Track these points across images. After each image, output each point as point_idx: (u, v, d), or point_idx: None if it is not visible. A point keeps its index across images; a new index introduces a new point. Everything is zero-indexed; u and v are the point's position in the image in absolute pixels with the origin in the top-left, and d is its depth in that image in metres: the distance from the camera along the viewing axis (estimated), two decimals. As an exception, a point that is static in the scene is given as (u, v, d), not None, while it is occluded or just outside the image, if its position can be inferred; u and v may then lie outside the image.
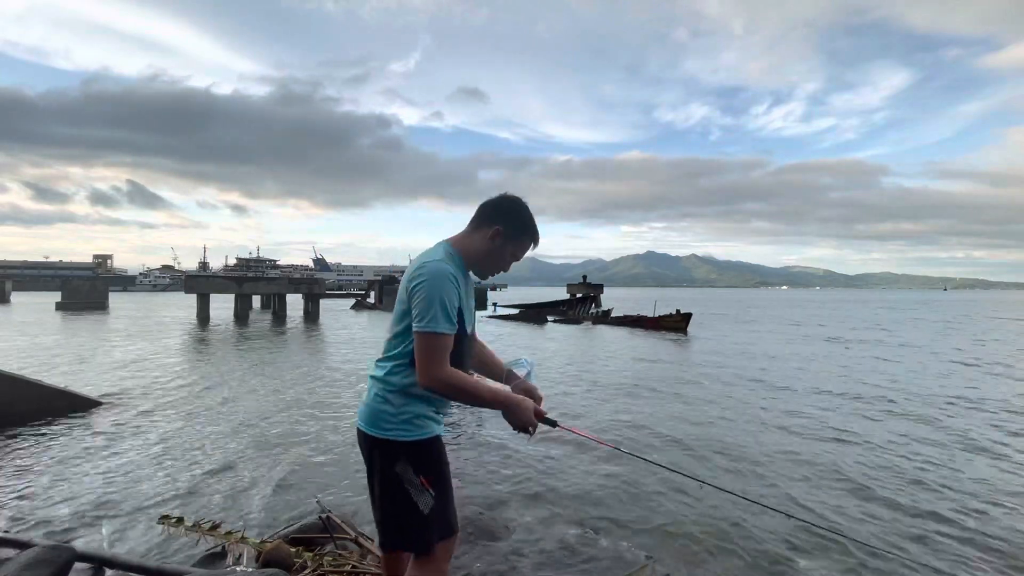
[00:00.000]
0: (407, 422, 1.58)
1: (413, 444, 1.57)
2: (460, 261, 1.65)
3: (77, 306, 33.90)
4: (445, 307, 1.50)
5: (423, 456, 1.58)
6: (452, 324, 1.52)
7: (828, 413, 7.02)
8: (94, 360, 11.44)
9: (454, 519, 1.66)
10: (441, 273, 1.53)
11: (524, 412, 1.57)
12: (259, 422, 6.26)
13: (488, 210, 1.68)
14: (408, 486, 1.56)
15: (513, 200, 1.69)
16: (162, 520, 3.13)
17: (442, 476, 1.63)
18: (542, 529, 3.44)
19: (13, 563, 2.21)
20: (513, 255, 1.72)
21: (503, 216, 1.66)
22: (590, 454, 5.07)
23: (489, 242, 1.66)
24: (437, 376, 1.49)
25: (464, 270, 1.66)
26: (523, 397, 1.63)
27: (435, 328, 1.49)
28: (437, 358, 1.50)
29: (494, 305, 35.68)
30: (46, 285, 76.67)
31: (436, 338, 1.49)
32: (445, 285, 1.52)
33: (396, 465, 1.56)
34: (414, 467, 1.56)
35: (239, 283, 29.08)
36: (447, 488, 1.64)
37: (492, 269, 1.73)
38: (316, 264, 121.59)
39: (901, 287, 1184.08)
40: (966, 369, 11.42)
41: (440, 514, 1.59)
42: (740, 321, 28.34)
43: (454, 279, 1.55)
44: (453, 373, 1.52)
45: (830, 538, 3.32)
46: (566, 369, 11.08)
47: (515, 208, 1.68)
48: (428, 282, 1.51)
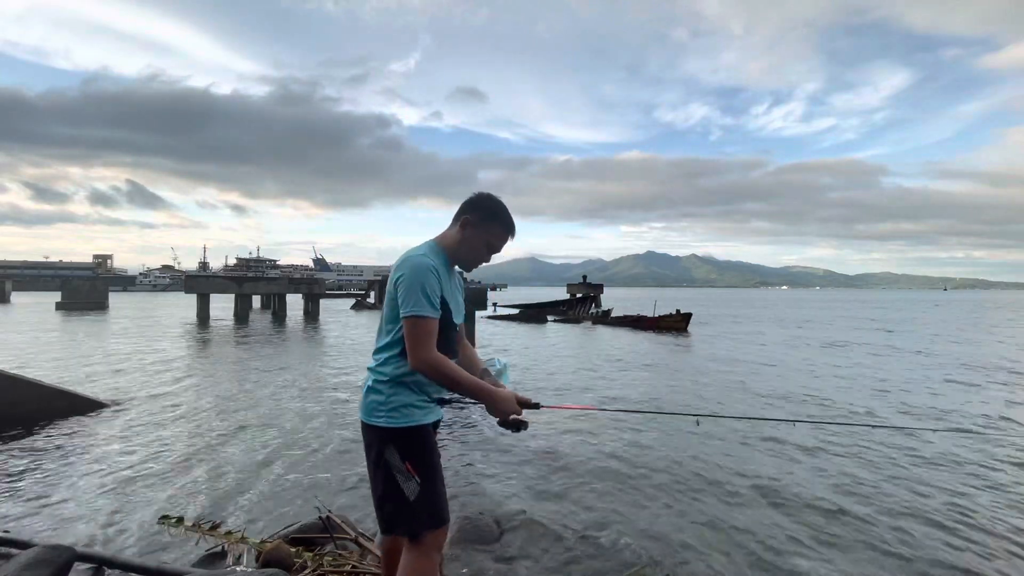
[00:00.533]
0: (395, 410, 1.67)
1: (400, 431, 1.67)
2: (444, 256, 1.78)
3: (77, 306, 33.89)
4: (427, 293, 1.62)
5: (408, 443, 1.67)
6: (435, 309, 1.64)
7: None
8: (94, 360, 11.44)
9: (444, 510, 1.69)
10: (421, 264, 1.66)
11: (506, 403, 1.65)
12: (259, 422, 6.26)
13: (461, 207, 1.82)
14: (395, 472, 1.65)
15: (481, 193, 1.82)
16: (162, 520, 3.14)
17: (429, 464, 1.68)
18: (542, 529, 3.44)
19: (13, 563, 2.22)
20: (489, 245, 1.82)
21: (470, 207, 1.80)
22: (590, 455, 5.07)
23: (461, 232, 1.78)
24: (424, 358, 1.60)
25: (448, 264, 1.79)
26: (505, 389, 1.72)
27: (419, 312, 1.61)
28: (424, 340, 1.61)
29: (494, 305, 35.66)
30: (46, 285, 76.69)
31: (421, 321, 1.61)
32: (425, 274, 1.64)
33: (385, 451, 1.67)
34: (400, 453, 1.66)
35: (239, 283, 29.09)
36: (435, 477, 1.69)
37: (471, 259, 1.83)
38: (316, 264, 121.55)
39: (901, 287, 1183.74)
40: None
41: (427, 502, 1.65)
42: (738, 321, 28.35)
43: (434, 270, 1.66)
44: (440, 357, 1.62)
45: (829, 539, 3.32)
46: (565, 368, 11.08)
47: (482, 199, 1.81)
48: (409, 273, 1.64)
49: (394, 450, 1.66)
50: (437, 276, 1.67)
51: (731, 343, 16.85)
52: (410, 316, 1.61)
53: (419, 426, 1.69)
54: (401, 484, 1.64)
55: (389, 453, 1.66)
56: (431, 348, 1.61)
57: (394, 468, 1.66)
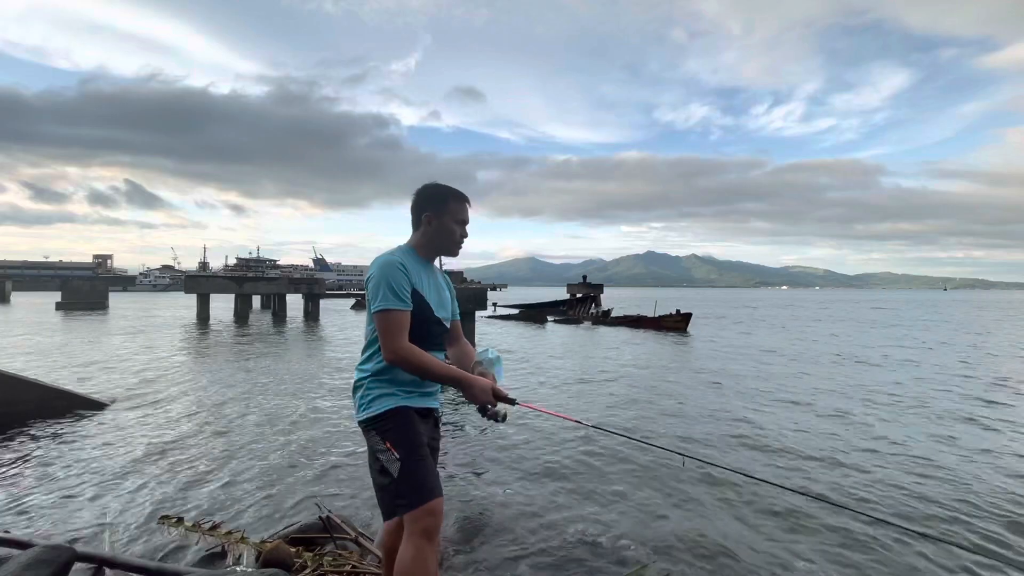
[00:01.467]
0: (374, 400, 1.78)
1: (379, 415, 1.76)
2: (414, 254, 1.88)
3: (77, 306, 33.89)
4: (392, 288, 1.71)
5: (386, 424, 1.75)
6: (403, 302, 1.72)
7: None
8: (94, 360, 11.44)
9: (429, 487, 1.69)
10: (386, 262, 1.77)
11: (479, 390, 1.70)
12: (259, 422, 6.26)
13: (413, 211, 1.91)
14: (379, 454, 1.74)
15: (425, 187, 1.91)
16: (162, 520, 3.14)
17: (409, 442, 1.73)
18: (541, 529, 3.44)
19: (13, 563, 2.22)
20: (458, 222, 1.90)
21: (423, 203, 1.88)
22: (588, 450, 5.07)
23: (429, 227, 1.88)
24: (394, 349, 1.68)
25: (421, 261, 1.90)
26: (479, 377, 1.76)
27: (386, 305, 1.70)
28: (393, 332, 1.69)
29: (494, 305, 35.66)
30: (46, 285, 76.70)
31: (389, 314, 1.70)
32: (390, 270, 1.74)
33: (369, 438, 1.79)
34: (380, 435, 1.75)
35: (239, 283, 29.08)
36: (416, 454, 1.72)
37: (450, 243, 1.91)
38: (316, 264, 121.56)
39: (901, 287, 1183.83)
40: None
41: (411, 477, 1.68)
42: (736, 321, 28.35)
43: (400, 265, 1.77)
44: (410, 348, 1.70)
45: (830, 537, 3.32)
46: (564, 367, 11.09)
47: (429, 191, 1.90)
48: (376, 271, 1.76)
49: (375, 434, 1.76)
50: (404, 270, 1.76)
51: (737, 352, 16.84)
52: (378, 310, 1.70)
53: (396, 408, 1.76)
54: (386, 465, 1.71)
55: (372, 439, 1.76)
56: (401, 339, 1.69)
57: (378, 451, 1.74)
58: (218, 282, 29.46)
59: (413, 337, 1.74)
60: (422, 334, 1.80)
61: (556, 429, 5.91)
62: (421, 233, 1.89)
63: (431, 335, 1.86)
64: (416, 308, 1.77)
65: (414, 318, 1.76)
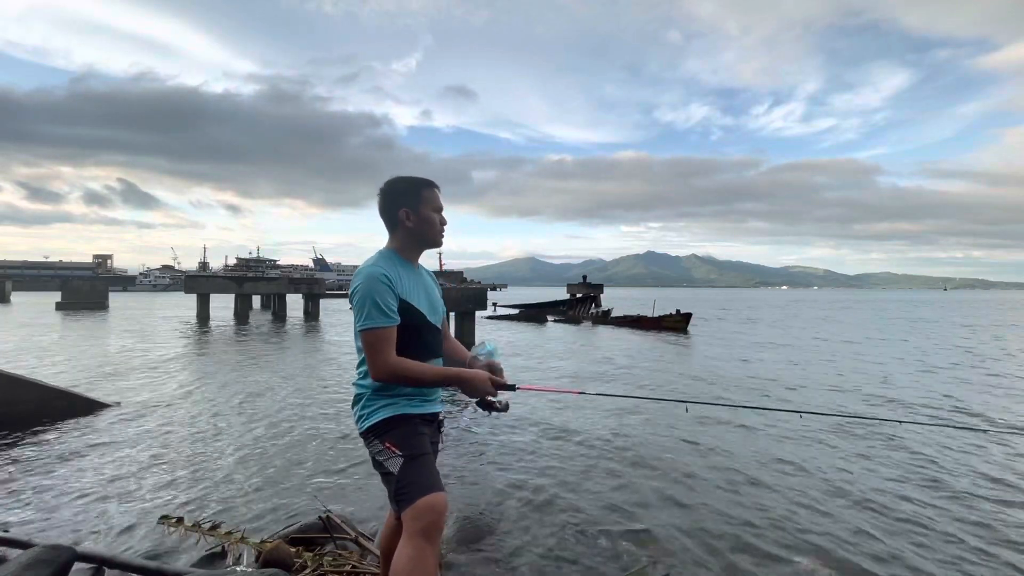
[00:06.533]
0: (373, 412, 1.76)
1: (378, 423, 1.74)
2: (397, 257, 1.81)
3: (77, 306, 33.88)
4: (377, 304, 1.65)
5: (386, 427, 1.74)
6: (388, 317, 1.66)
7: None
8: (93, 360, 11.44)
9: (429, 482, 1.68)
10: (370, 275, 1.68)
11: (479, 383, 1.70)
12: (259, 422, 6.26)
13: (385, 213, 1.84)
14: (380, 457, 1.74)
15: (388, 184, 1.84)
16: (162, 520, 3.14)
17: (409, 442, 1.72)
18: (540, 529, 3.44)
19: (13, 563, 2.22)
20: (435, 211, 1.84)
21: (396, 200, 1.82)
22: (589, 453, 5.07)
23: (409, 224, 1.82)
24: (382, 367, 1.64)
25: (406, 264, 1.83)
26: (476, 370, 1.76)
27: (371, 324, 1.65)
28: (379, 350, 1.65)
29: (494, 305, 35.67)
30: (46, 285, 76.66)
31: (373, 333, 1.64)
32: (374, 284, 1.67)
33: (370, 446, 1.77)
34: (379, 438, 1.74)
35: (239, 283, 29.09)
36: (416, 452, 1.72)
37: (432, 234, 1.86)
38: (316, 264, 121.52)
39: (901, 287, 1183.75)
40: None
41: (411, 472, 1.68)
42: (737, 321, 28.35)
43: (384, 277, 1.69)
44: (398, 361, 1.66)
45: (832, 535, 3.31)
46: (564, 368, 11.09)
47: (396, 185, 1.83)
48: (360, 286, 1.68)
49: (374, 439, 1.75)
50: (388, 283, 1.69)
51: (737, 349, 16.83)
52: (363, 329, 1.65)
53: (396, 415, 1.75)
54: (387, 464, 1.71)
55: (373, 446, 1.75)
56: (387, 356, 1.65)
57: (378, 453, 1.74)
58: (218, 282, 29.48)
59: (412, 349, 1.71)
60: (420, 344, 1.77)
61: (556, 429, 5.90)
62: (402, 232, 1.83)
63: (429, 343, 1.83)
64: (409, 319, 1.73)
65: (410, 330, 1.73)
